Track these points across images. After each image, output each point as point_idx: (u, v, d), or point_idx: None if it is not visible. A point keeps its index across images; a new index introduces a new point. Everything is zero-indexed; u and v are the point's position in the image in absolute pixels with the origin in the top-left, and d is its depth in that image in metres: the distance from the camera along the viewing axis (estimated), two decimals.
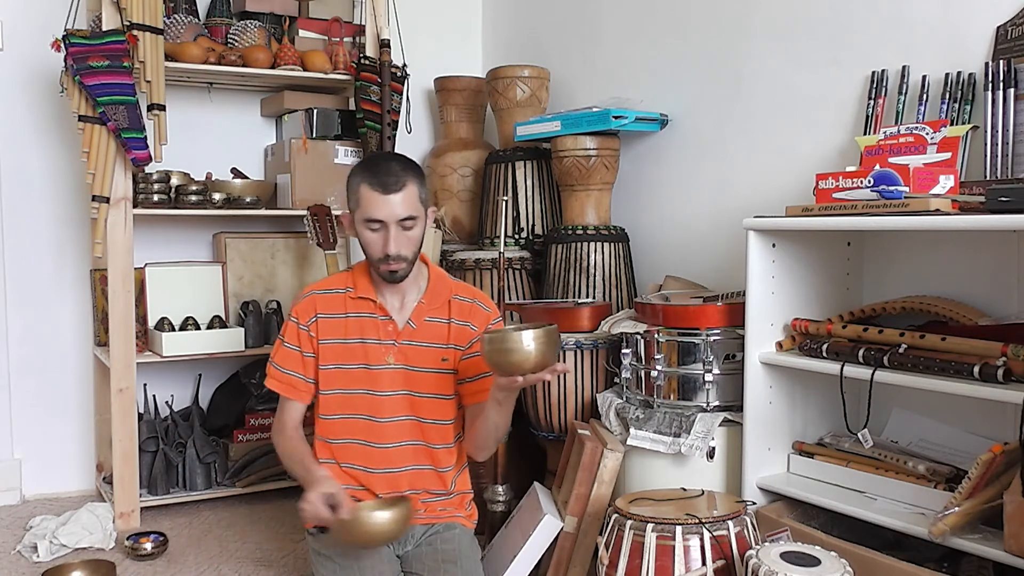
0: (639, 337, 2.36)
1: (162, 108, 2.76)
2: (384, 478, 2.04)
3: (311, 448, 2.08)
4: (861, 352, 1.91)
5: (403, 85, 3.15)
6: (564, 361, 2.61)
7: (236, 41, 3.12)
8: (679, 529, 1.79)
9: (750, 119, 2.61)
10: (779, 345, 2.13)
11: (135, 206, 2.83)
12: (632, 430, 2.27)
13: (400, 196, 1.94)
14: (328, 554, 2.00)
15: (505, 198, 3.08)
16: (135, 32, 2.70)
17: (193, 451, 3.05)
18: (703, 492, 2.02)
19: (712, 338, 2.25)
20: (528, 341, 1.78)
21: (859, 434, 2.02)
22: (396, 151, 2.21)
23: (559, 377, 2.62)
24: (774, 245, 2.10)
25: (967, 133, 1.99)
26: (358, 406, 2.05)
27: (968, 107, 2.02)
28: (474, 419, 2.09)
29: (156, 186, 2.90)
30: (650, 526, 1.81)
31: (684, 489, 2.05)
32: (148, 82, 2.74)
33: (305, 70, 3.11)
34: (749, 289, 2.09)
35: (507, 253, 2.98)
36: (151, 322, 3.03)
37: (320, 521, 1.88)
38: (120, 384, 2.82)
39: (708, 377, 2.24)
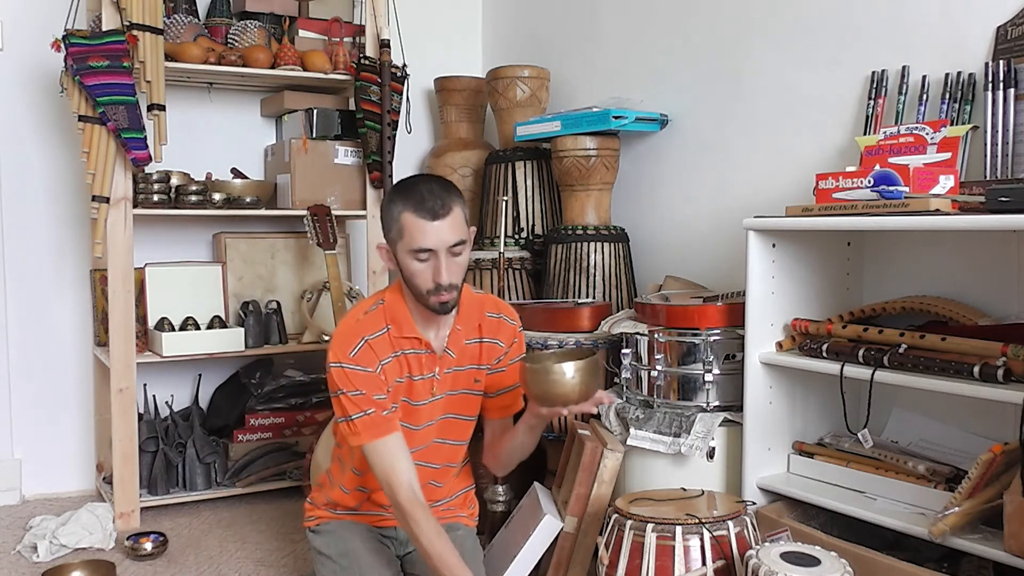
0: (639, 337, 2.36)
1: (162, 108, 2.76)
2: None
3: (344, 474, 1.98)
4: (861, 352, 1.91)
5: (403, 85, 3.15)
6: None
7: (236, 41, 3.12)
8: (679, 529, 1.79)
9: (750, 119, 2.61)
10: (779, 345, 2.13)
11: (135, 206, 2.83)
12: (632, 430, 2.27)
13: (449, 221, 1.81)
14: (329, 554, 2.00)
15: (505, 198, 3.08)
16: (135, 32, 2.70)
17: (193, 451, 3.05)
18: (703, 492, 2.02)
19: (712, 338, 2.25)
20: (572, 373, 1.77)
21: (859, 434, 2.02)
22: (430, 174, 2.06)
23: None
24: (774, 245, 2.10)
25: (967, 133, 1.99)
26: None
27: (968, 107, 2.02)
28: (499, 435, 2.07)
29: (156, 186, 2.90)
30: (650, 526, 1.81)
31: (684, 489, 2.05)
32: (148, 82, 2.74)
33: (305, 70, 3.11)
34: (749, 289, 2.09)
35: (507, 253, 2.98)
36: (151, 322, 3.03)
37: None
38: (120, 384, 2.81)
39: (708, 377, 2.24)
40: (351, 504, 2.04)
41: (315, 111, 3.20)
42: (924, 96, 2.12)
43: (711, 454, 2.17)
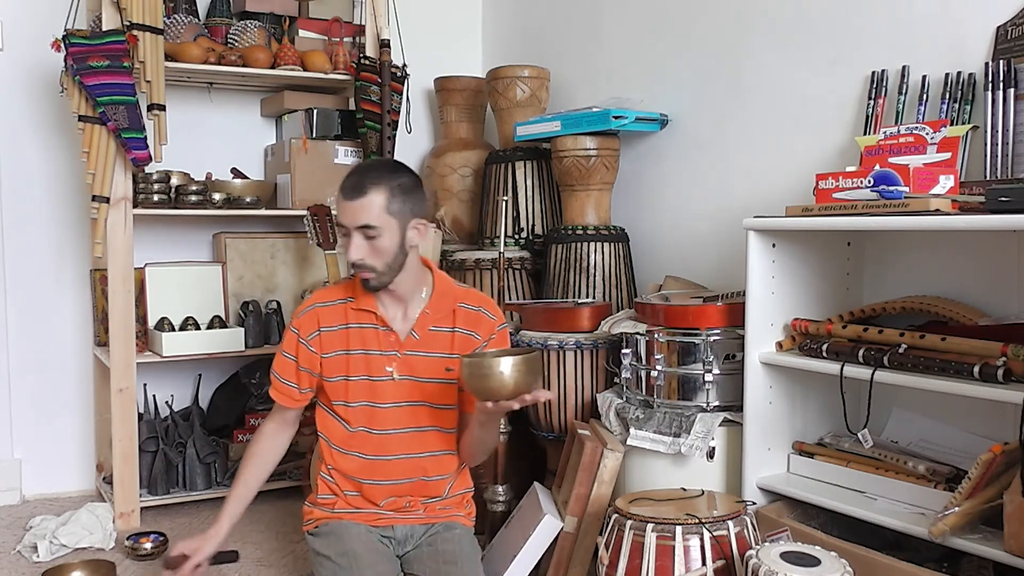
0: (639, 337, 2.36)
1: (162, 108, 2.76)
2: (387, 489, 2.05)
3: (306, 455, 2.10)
4: (861, 352, 1.91)
5: (403, 85, 3.15)
6: (564, 362, 2.61)
7: (236, 41, 3.12)
8: (679, 529, 1.79)
9: (750, 119, 2.61)
10: (779, 345, 2.13)
11: (135, 206, 2.83)
12: (632, 430, 2.27)
13: (359, 203, 1.89)
14: (327, 554, 2.00)
15: (505, 198, 3.08)
16: (135, 32, 2.70)
17: (193, 451, 3.05)
18: (703, 492, 2.02)
19: (712, 338, 2.25)
20: (505, 368, 1.79)
21: (859, 434, 2.02)
22: (385, 160, 2.16)
23: (559, 377, 2.63)
24: (774, 245, 2.10)
25: (967, 133, 1.99)
26: (359, 418, 2.04)
27: (968, 107, 2.02)
28: (464, 429, 2.09)
29: (156, 186, 2.90)
30: (650, 526, 1.81)
31: (684, 489, 2.05)
32: (148, 82, 2.74)
33: (305, 70, 3.11)
34: (749, 289, 2.09)
35: (507, 253, 2.98)
36: (151, 322, 3.03)
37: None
38: (120, 384, 2.82)
39: (708, 377, 2.24)
40: (347, 486, 2.06)
41: (315, 111, 3.20)
42: (924, 96, 2.12)
43: (711, 454, 2.17)
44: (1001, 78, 1.94)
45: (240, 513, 2.10)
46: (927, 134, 1.99)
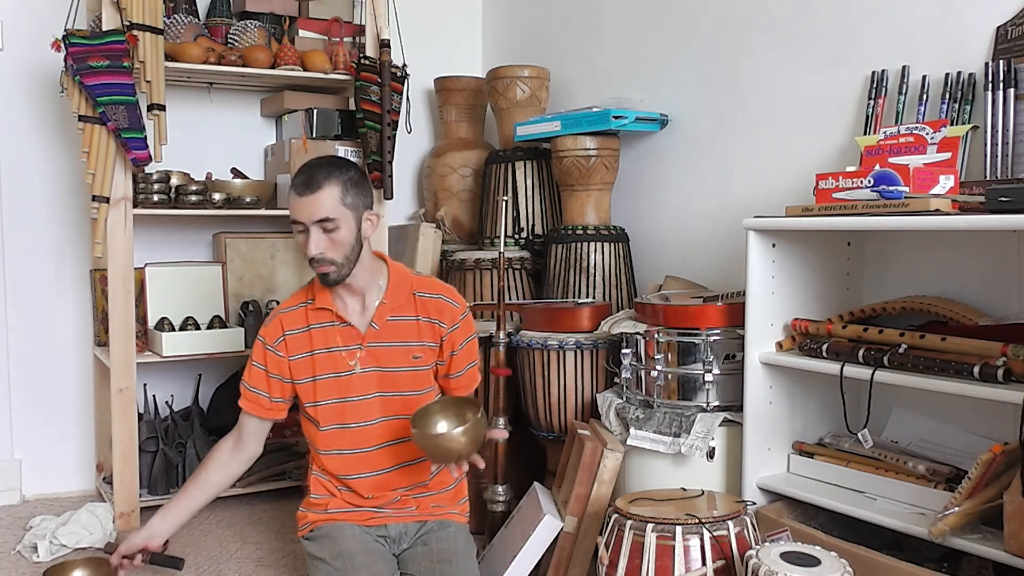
0: (639, 337, 2.36)
1: (162, 108, 2.76)
2: (372, 481, 2.06)
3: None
4: (861, 352, 1.91)
5: (403, 85, 3.15)
6: (564, 362, 2.62)
7: (236, 41, 3.12)
8: (679, 529, 1.79)
9: (750, 119, 2.61)
10: (779, 345, 2.13)
11: (135, 206, 2.83)
12: (632, 430, 2.27)
13: (314, 197, 1.94)
14: (323, 556, 2.00)
15: (505, 198, 3.08)
16: (135, 32, 2.70)
17: (193, 451, 3.05)
18: (703, 492, 2.02)
19: (712, 338, 2.25)
20: (453, 439, 1.89)
21: (859, 434, 2.02)
22: (331, 157, 2.24)
23: (559, 377, 2.63)
24: (774, 245, 2.10)
25: (967, 133, 1.99)
26: (333, 416, 2.07)
27: (968, 107, 2.02)
28: None
29: (156, 186, 2.90)
30: (650, 526, 1.81)
31: (684, 489, 2.05)
32: (148, 82, 2.73)
33: (305, 70, 3.11)
34: (749, 289, 2.09)
35: (507, 253, 2.98)
36: (151, 322, 3.03)
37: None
38: (120, 384, 2.81)
39: (708, 377, 2.24)
40: (338, 483, 2.08)
41: (315, 111, 3.20)
42: (924, 96, 2.12)
43: (711, 454, 2.17)
44: (1001, 78, 1.94)
45: (173, 525, 2.13)
46: (927, 134, 1.99)
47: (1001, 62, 1.94)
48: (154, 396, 3.15)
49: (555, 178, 3.02)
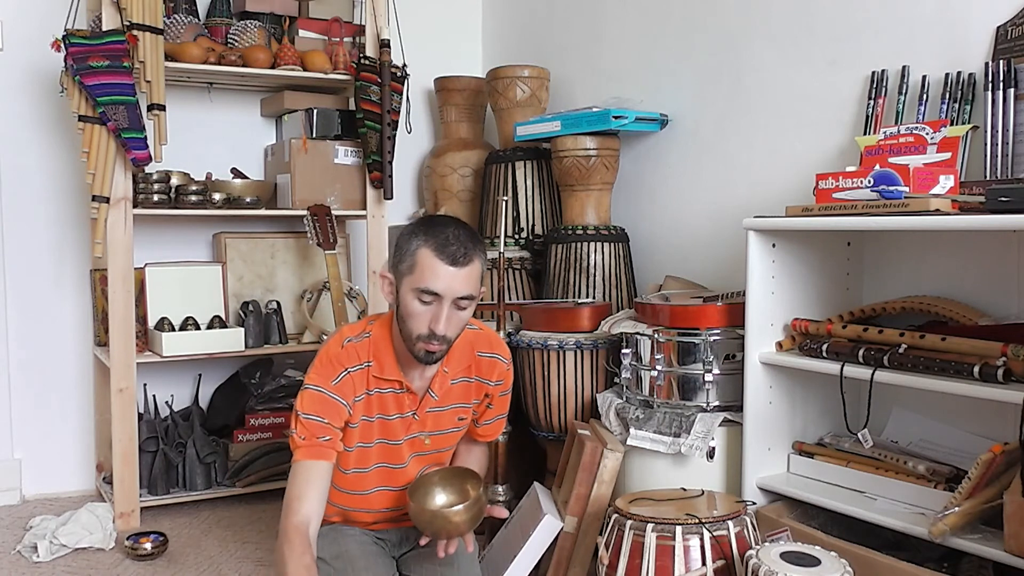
0: (639, 337, 2.36)
1: (162, 108, 2.76)
2: (373, 515, 2.02)
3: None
4: (861, 352, 1.91)
5: (403, 85, 3.15)
6: (564, 362, 2.62)
7: (236, 41, 3.12)
8: (679, 529, 1.79)
9: (750, 119, 2.61)
10: (779, 345, 2.13)
11: (135, 206, 2.83)
12: (632, 430, 2.27)
13: (466, 271, 1.76)
14: (323, 557, 1.99)
15: (505, 198, 3.08)
16: (135, 32, 2.70)
17: (193, 451, 3.05)
18: (703, 492, 2.02)
19: (712, 338, 2.25)
20: (456, 517, 1.82)
21: (859, 434, 2.02)
22: (460, 220, 1.91)
23: (559, 377, 2.63)
24: (774, 245, 2.10)
25: (967, 133, 1.99)
26: (373, 481, 1.97)
27: (968, 107, 2.02)
28: (460, 449, 2.13)
29: (156, 186, 2.90)
30: (650, 526, 1.81)
31: (684, 489, 2.05)
32: (148, 82, 2.74)
33: (305, 70, 3.11)
34: (749, 289, 2.09)
35: (507, 253, 2.98)
36: (151, 322, 3.03)
37: None
38: (120, 384, 2.81)
39: (708, 377, 2.24)
40: (332, 518, 2.02)
41: (315, 111, 3.20)
42: (924, 96, 2.12)
43: (711, 454, 2.17)
44: (1001, 78, 1.94)
45: None
46: (927, 134, 1.99)
47: (1001, 62, 1.94)
48: (154, 396, 3.15)
49: (555, 178, 3.02)
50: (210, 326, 3.05)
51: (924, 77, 2.12)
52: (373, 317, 1.98)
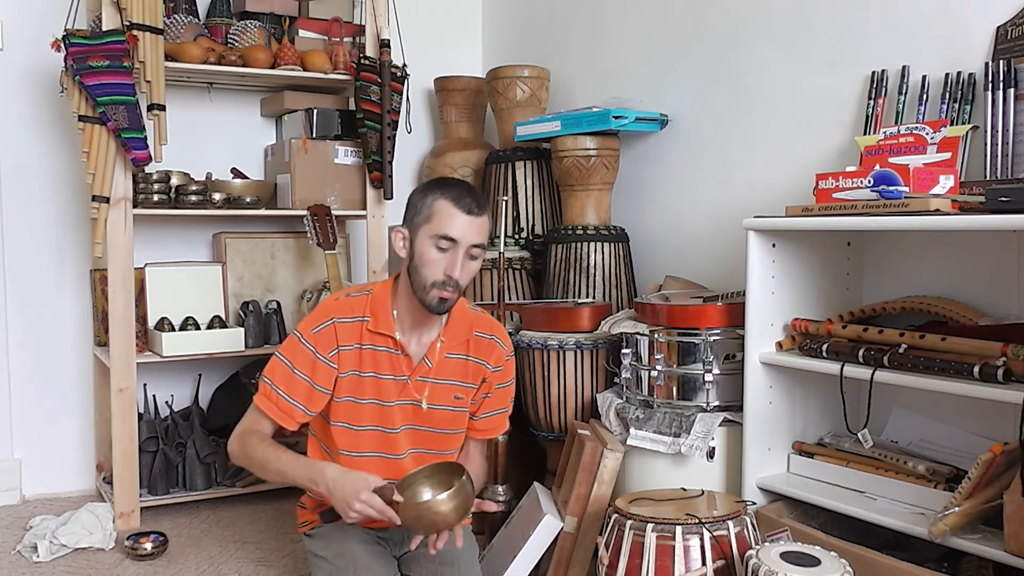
0: (639, 337, 2.36)
1: (162, 108, 2.76)
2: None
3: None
4: (861, 352, 1.91)
5: (403, 85, 3.15)
6: (564, 362, 2.62)
7: (236, 41, 3.12)
8: (679, 529, 1.79)
9: (750, 119, 2.61)
10: (779, 345, 2.13)
11: (135, 206, 2.83)
12: (632, 430, 2.27)
13: (480, 221, 1.88)
14: (325, 555, 2.00)
15: (505, 198, 3.08)
16: (135, 32, 2.70)
17: (193, 451, 3.05)
18: (703, 492, 2.02)
19: (712, 338, 2.25)
20: (445, 506, 1.79)
21: (859, 434, 2.02)
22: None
23: (559, 377, 2.63)
24: (774, 245, 2.10)
25: (967, 133, 1.99)
26: (368, 443, 1.99)
27: (968, 107, 2.02)
28: (465, 452, 2.13)
29: (156, 186, 2.90)
30: (650, 526, 1.81)
31: (684, 489, 2.05)
32: (148, 82, 2.74)
33: (305, 70, 3.11)
34: (749, 289, 2.09)
35: (507, 253, 2.98)
36: (151, 322, 3.03)
37: (378, 519, 1.78)
38: (120, 384, 2.81)
39: (708, 377, 2.24)
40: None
41: (315, 111, 3.20)
42: (924, 96, 2.12)
43: (711, 454, 2.17)
44: (1001, 78, 1.94)
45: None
46: (927, 134, 1.99)
47: (1001, 62, 1.94)
48: (154, 396, 3.15)
49: (555, 178, 3.02)
50: (210, 326, 3.05)
51: (924, 77, 2.12)
52: (373, 283, 2.00)
